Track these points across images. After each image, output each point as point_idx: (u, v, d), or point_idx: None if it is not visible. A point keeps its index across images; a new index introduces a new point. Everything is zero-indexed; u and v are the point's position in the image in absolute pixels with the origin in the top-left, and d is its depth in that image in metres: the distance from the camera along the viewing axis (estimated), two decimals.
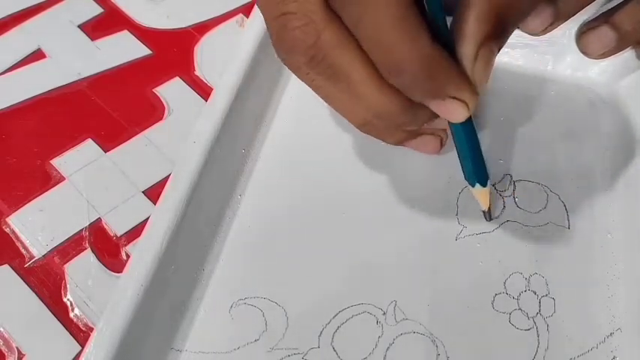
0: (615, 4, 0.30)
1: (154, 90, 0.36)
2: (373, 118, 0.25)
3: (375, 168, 0.32)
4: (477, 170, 0.28)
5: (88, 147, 0.33)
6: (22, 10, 0.39)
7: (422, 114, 0.25)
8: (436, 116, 0.25)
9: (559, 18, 0.28)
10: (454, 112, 0.24)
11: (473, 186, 0.29)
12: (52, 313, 0.28)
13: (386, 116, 0.25)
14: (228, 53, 0.33)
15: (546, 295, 0.28)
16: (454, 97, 0.23)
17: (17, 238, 0.30)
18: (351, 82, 0.23)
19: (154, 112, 0.35)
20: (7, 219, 0.31)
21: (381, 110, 0.24)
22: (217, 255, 0.29)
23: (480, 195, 0.29)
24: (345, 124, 0.33)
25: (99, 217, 0.31)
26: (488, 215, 0.30)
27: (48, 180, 0.32)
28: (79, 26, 0.38)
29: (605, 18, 0.29)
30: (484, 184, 0.29)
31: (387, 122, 0.25)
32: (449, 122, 0.26)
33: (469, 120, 0.26)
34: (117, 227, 0.30)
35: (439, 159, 0.32)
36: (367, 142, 0.33)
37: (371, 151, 0.32)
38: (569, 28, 0.34)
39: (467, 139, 0.27)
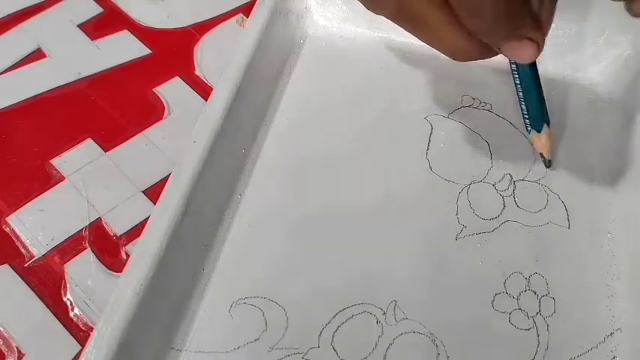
0: None
1: (154, 90, 0.36)
2: (454, 55, 0.26)
3: (375, 168, 0.32)
4: (543, 111, 0.30)
5: (88, 147, 0.33)
6: (22, 9, 0.39)
7: (493, 53, 0.26)
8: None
9: None
10: (528, 53, 0.25)
11: (539, 130, 0.30)
12: (52, 312, 0.28)
13: (464, 55, 0.26)
14: (228, 53, 0.33)
15: (546, 295, 0.28)
16: (529, 39, 0.25)
17: (17, 237, 0.30)
18: (433, 28, 0.25)
19: (153, 111, 0.35)
20: (7, 218, 0.31)
21: (460, 51, 0.26)
22: (217, 255, 0.29)
23: (544, 139, 0.31)
24: (345, 124, 0.33)
25: (99, 217, 0.31)
26: (549, 161, 0.31)
27: (48, 180, 0.32)
28: (79, 26, 0.38)
29: None
30: (549, 124, 0.31)
31: (465, 59, 0.27)
32: (514, 69, 0.29)
33: (534, 63, 0.28)
34: (117, 227, 0.30)
35: (439, 158, 0.32)
36: (367, 142, 0.33)
37: (371, 151, 0.32)
38: (570, 28, 0.34)
39: (534, 81, 0.29)
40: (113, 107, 0.35)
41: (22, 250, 0.30)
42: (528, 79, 0.29)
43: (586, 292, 0.28)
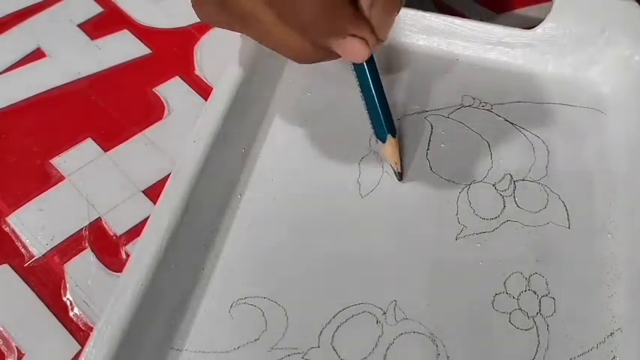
0: None
1: (153, 89, 0.36)
2: (291, 55, 0.25)
3: (375, 168, 0.32)
4: (387, 120, 0.29)
5: (88, 146, 0.33)
6: (22, 9, 0.39)
7: (333, 54, 0.25)
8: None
9: None
10: (356, 51, 0.25)
11: (384, 140, 0.30)
12: (52, 312, 0.28)
13: (301, 56, 0.25)
14: (228, 53, 0.33)
15: (546, 295, 0.28)
16: (354, 35, 0.24)
17: (17, 237, 0.30)
18: (263, 25, 0.24)
19: (153, 111, 0.35)
20: (7, 218, 0.31)
21: (296, 51, 0.25)
22: (217, 255, 0.29)
23: (390, 150, 0.30)
24: (345, 124, 0.33)
25: (99, 217, 0.31)
26: (400, 174, 0.30)
27: (48, 179, 0.32)
28: (79, 25, 0.38)
29: None
30: (394, 134, 0.30)
31: (304, 60, 0.26)
32: (357, 76, 0.28)
33: (374, 66, 0.27)
34: (117, 227, 0.30)
35: (439, 158, 0.32)
36: (367, 142, 0.33)
37: (371, 152, 0.32)
38: (570, 28, 0.34)
39: (375, 87, 0.28)
40: (113, 107, 0.35)
41: (22, 249, 0.30)
42: (368, 85, 0.28)
43: (586, 292, 0.28)
